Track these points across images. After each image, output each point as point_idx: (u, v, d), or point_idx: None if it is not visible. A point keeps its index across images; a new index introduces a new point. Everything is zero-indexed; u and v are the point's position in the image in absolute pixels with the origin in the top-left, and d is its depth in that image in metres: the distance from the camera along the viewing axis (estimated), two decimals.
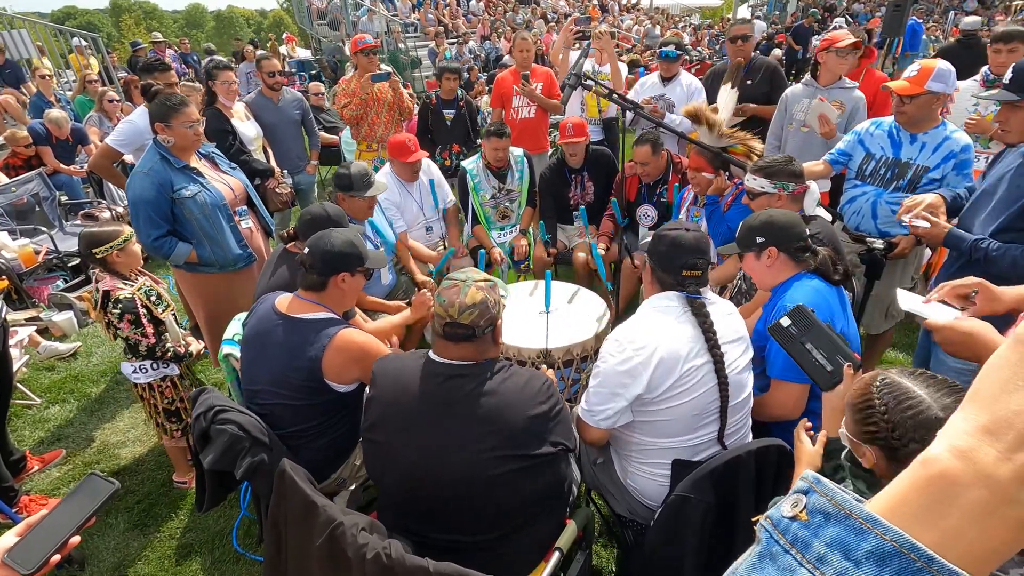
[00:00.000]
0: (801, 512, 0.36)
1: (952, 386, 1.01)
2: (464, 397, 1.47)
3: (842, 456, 1.18)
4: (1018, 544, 0.31)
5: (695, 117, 2.92)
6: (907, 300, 1.38)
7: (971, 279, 1.18)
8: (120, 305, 2.18)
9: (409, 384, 1.51)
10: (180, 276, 2.93)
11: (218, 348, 2.25)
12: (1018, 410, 0.31)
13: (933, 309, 1.26)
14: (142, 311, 2.23)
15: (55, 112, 5.37)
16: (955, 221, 2.15)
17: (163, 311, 2.32)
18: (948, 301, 1.21)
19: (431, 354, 1.56)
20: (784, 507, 0.37)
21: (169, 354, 2.30)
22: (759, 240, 1.83)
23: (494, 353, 1.60)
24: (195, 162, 2.71)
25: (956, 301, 1.21)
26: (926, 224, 2.02)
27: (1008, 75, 1.92)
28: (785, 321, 1.37)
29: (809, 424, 1.42)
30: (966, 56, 5.60)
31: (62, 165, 5.32)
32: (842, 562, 0.33)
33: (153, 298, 2.30)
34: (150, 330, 2.25)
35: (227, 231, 2.74)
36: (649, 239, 1.82)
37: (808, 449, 1.33)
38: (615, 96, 2.78)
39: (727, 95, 2.97)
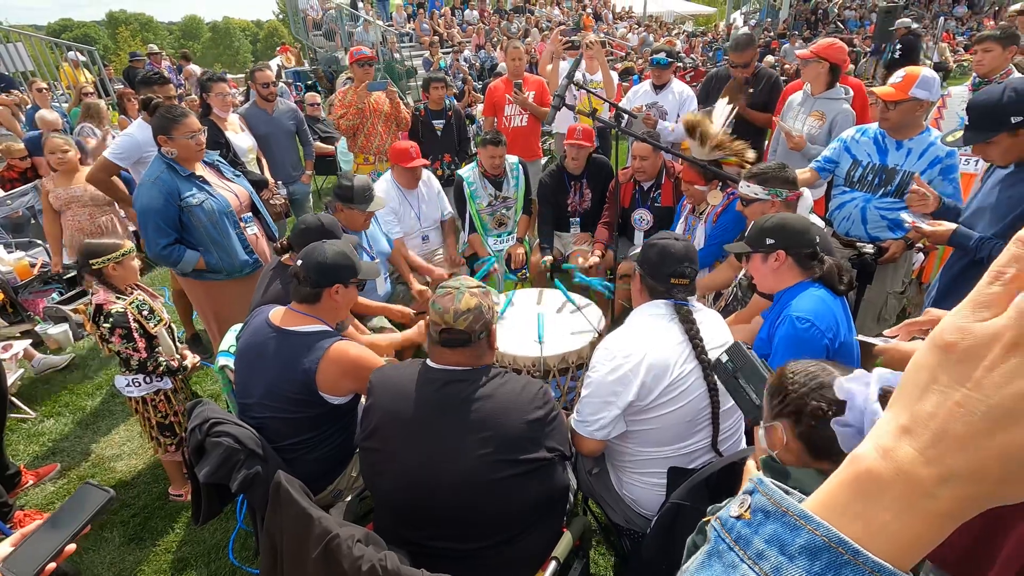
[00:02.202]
0: (746, 511, 0.38)
1: (840, 366, 1.12)
2: (461, 402, 1.48)
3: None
4: (938, 535, 0.33)
5: (691, 128, 2.94)
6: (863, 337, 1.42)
7: (930, 317, 1.21)
8: (111, 319, 2.18)
9: (407, 391, 1.52)
10: (188, 284, 2.95)
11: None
12: (933, 412, 0.33)
13: (882, 339, 1.28)
14: (134, 325, 2.22)
15: (45, 112, 5.22)
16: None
17: (156, 326, 2.31)
18: (918, 336, 1.24)
19: (428, 361, 1.58)
20: (732, 507, 0.39)
21: (161, 368, 2.29)
22: (769, 242, 1.81)
23: (490, 359, 1.61)
24: (200, 170, 2.76)
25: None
26: (928, 227, 2.07)
27: (964, 118, 1.96)
28: (723, 357, 1.42)
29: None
30: (917, 43, 7.99)
31: None
32: (778, 557, 0.35)
33: (146, 312, 2.29)
34: (141, 344, 2.23)
35: (234, 238, 2.79)
36: (639, 248, 1.83)
37: (753, 472, 1.35)
38: (599, 117, 2.80)
39: (722, 109, 3.00)
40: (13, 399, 3.31)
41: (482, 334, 1.53)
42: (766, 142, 4.02)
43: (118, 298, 2.25)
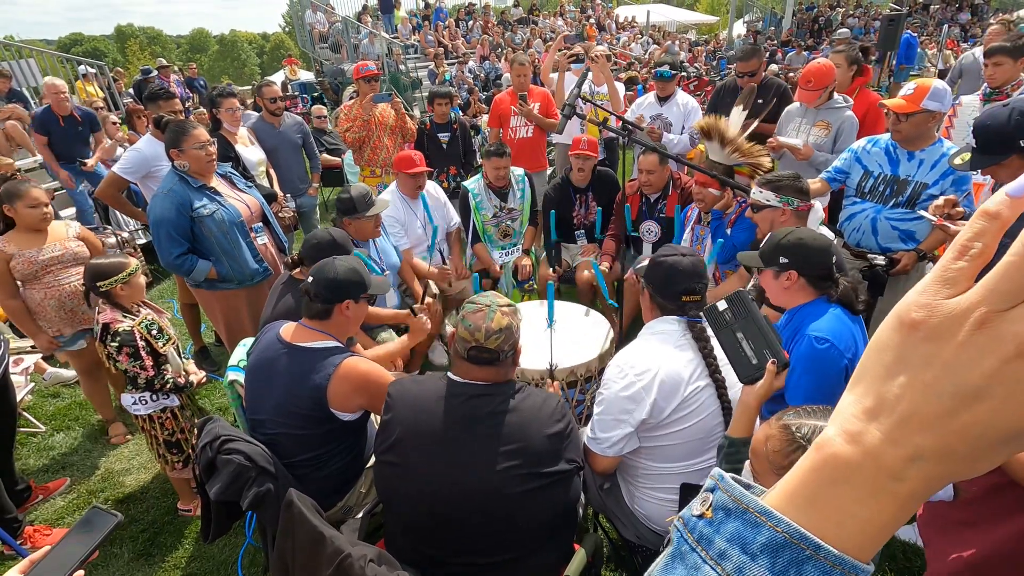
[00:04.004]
0: (707, 510, 0.37)
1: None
2: (487, 416, 1.49)
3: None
4: (903, 517, 0.33)
5: (708, 132, 2.93)
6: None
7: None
8: (119, 338, 2.17)
9: (429, 405, 1.53)
10: (200, 294, 3.00)
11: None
12: (900, 394, 0.32)
13: None
14: (141, 344, 2.21)
15: (51, 78, 4.87)
16: None
17: (164, 344, 2.30)
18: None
19: (451, 375, 1.58)
20: (695, 506, 0.38)
21: (168, 386, 2.28)
22: (783, 260, 1.77)
23: (512, 375, 1.63)
24: (213, 181, 2.82)
25: None
26: (954, 227, 2.05)
27: (971, 141, 1.97)
28: (721, 305, 1.32)
29: None
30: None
31: (57, 164, 5.07)
32: (740, 556, 0.34)
33: (155, 332, 2.28)
34: (148, 363, 2.22)
35: (244, 247, 2.84)
36: (645, 260, 1.82)
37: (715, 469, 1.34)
38: (608, 126, 2.81)
39: (737, 115, 3.01)
40: (24, 413, 3.32)
41: (509, 353, 1.55)
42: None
43: (125, 316, 2.24)
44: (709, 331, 1.68)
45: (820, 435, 0.35)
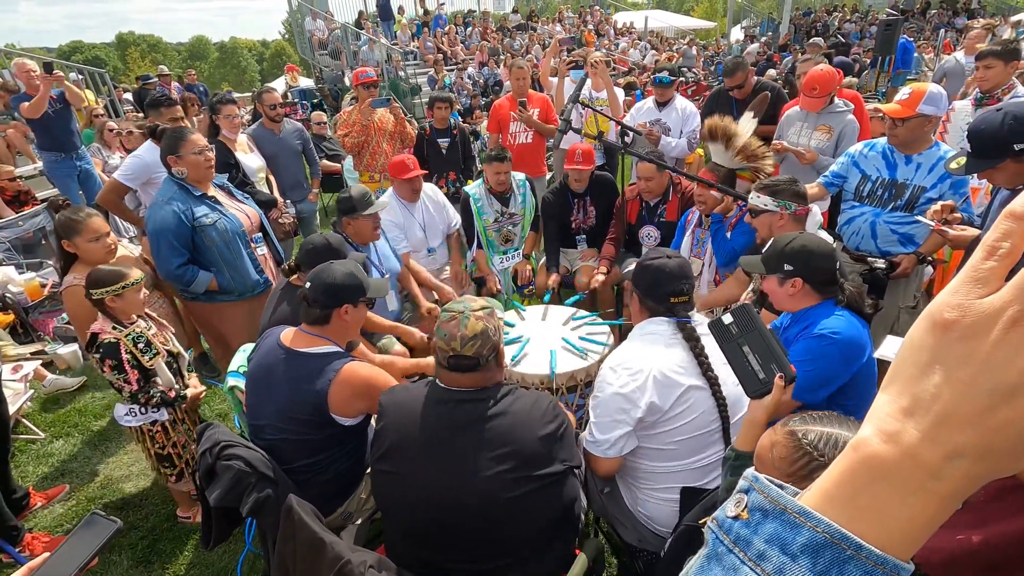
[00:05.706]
0: (743, 511, 0.37)
1: (840, 417, 1.13)
2: (476, 421, 1.48)
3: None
4: (942, 516, 0.33)
5: (713, 135, 2.93)
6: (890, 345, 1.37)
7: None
8: (102, 350, 2.13)
9: (418, 412, 1.52)
10: (193, 306, 2.93)
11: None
12: (936, 393, 0.33)
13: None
14: (126, 357, 2.15)
15: (19, 58, 4.82)
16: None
17: (151, 359, 2.23)
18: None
19: (437, 382, 1.57)
20: (728, 507, 0.38)
21: (155, 400, 2.23)
22: (787, 268, 1.75)
23: (499, 377, 1.61)
24: (211, 191, 2.79)
25: None
26: (952, 231, 2.06)
27: (966, 145, 1.99)
28: (727, 319, 1.31)
29: None
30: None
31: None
32: (780, 557, 0.34)
33: (141, 345, 2.21)
34: (133, 376, 2.16)
35: (246, 257, 2.81)
36: (632, 263, 1.83)
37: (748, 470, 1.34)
38: (605, 139, 2.83)
39: (747, 121, 3.03)
40: (23, 419, 3.32)
41: (490, 356, 1.53)
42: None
43: (114, 328, 2.18)
44: (714, 344, 1.69)
45: (856, 436, 0.36)
